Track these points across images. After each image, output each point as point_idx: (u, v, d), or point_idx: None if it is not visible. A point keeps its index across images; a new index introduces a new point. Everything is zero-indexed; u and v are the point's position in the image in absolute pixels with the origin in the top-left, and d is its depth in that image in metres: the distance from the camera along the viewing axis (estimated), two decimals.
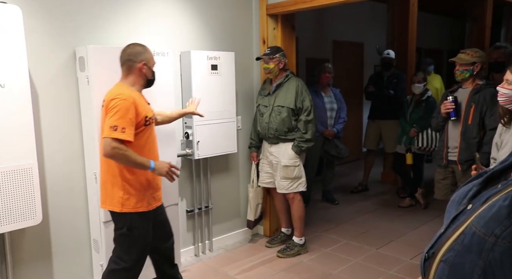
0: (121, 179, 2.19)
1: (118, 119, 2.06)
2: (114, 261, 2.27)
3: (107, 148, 2.06)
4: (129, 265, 2.25)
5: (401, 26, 5.45)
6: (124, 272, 2.26)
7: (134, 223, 2.23)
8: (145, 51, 2.28)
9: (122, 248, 2.27)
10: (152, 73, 2.31)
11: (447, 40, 8.80)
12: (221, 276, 3.09)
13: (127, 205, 2.20)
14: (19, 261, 2.48)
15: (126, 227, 2.22)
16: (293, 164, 3.29)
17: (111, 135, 2.05)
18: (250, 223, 3.60)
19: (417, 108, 4.40)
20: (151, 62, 2.30)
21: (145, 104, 2.29)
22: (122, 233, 2.24)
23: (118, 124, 2.06)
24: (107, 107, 2.12)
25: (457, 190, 0.92)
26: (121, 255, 2.26)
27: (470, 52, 3.01)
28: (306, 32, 5.95)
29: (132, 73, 2.26)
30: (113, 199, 2.21)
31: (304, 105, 3.26)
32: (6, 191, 2.16)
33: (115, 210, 2.22)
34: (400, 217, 4.34)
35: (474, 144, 2.96)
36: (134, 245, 2.26)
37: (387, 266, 3.20)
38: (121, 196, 2.19)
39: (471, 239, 0.74)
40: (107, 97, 2.16)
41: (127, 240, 2.25)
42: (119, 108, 2.08)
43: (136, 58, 2.24)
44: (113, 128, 2.05)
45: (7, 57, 2.12)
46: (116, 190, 2.20)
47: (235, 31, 3.52)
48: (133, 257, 2.26)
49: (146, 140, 2.27)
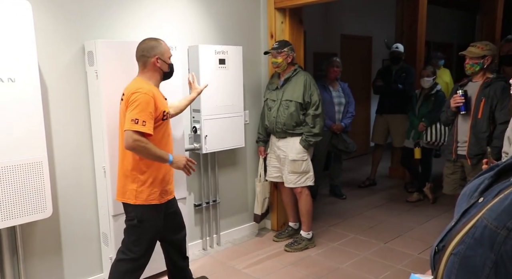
0: (135, 172, 2.24)
1: (139, 112, 2.10)
2: (123, 252, 2.32)
3: (129, 140, 2.10)
4: (137, 255, 2.30)
5: (410, 19, 5.39)
6: (132, 263, 2.30)
7: (146, 216, 2.27)
8: (158, 45, 2.29)
9: (130, 239, 2.31)
10: (168, 66, 2.33)
11: (457, 33, 8.69)
12: (229, 269, 3.11)
13: (140, 197, 2.24)
14: (30, 254, 2.51)
15: (137, 219, 2.26)
16: (301, 158, 3.29)
17: (133, 128, 2.09)
18: (257, 217, 3.61)
19: (426, 103, 4.36)
20: (166, 55, 2.31)
21: (163, 99, 2.33)
22: (132, 224, 2.29)
23: (139, 117, 2.10)
24: (128, 101, 2.16)
25: (468, 183, 0.91)
26: (130, 246, 2.30)
27: (481, 45, 2.97)
28: (314, 26, 5.92)
29: (147, 68, 2.29)
30: (127, 191, 2.25)
31: (312, 99, 3.24)
32: (18, 184, 2.19)
33: (128, 202, 2.27)
34: (408, 211, 4.32)
35: (484, 138, 2.93)
36: (144, 237, 2.30)
37: (395, 260, 3.19)
38: (135, 188, 2.24)
39: (483, 232, 0.74)
40: (127, 91, 2.20)
41: (137, 232, 2.29)
42: (140, 102, 2.12)
43: (149, 53, 2.27)
44: (134, 121, 2.09)
45: (17, 51, 2.14)
46: (130, 183, 2.24)
47: (243, 25, 3.51)
48: (142, 248, 2.30)
49: (163, 134, 2.31)
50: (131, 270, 2.31)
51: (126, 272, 2.30)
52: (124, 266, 2.30)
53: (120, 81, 2.55)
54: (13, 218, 2.19)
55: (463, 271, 0.76)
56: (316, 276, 2.98)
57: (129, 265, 2.30)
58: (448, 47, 8.26)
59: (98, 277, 2.83)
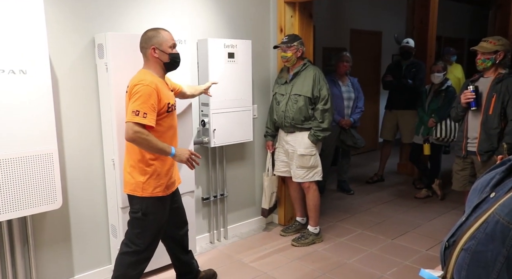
0: (142, 164, 2.23)
1: (140, 104, 2.09)
2: (126, 244, 2.32)
3: (129, 131, 2.09)
4: (141, 248, 2.30)
5: (421, 14, 5.33)
6: (136, 255, 2.30)
7: (151, 208, 2.27)
8: (156, 35, 2.24)
9: (134, 232, 2.30)
10: (167, 56, 2.27)
11: (469, 28, 8.57)
12: (236, 263, 3.12)
13: (147, 189, 2.24)
14: (40, 244, 2.55)
15: (142, 212, 2.26)
16: (309, 153, 3.28)
17: (133, 120, 2.08)
18: (264, 212, 3.62)
19: (436, 98, 4.32)
20: (164, 45, 2.25)
21: (168, 91, 2.31)
22: (137, 217, 2.28)
23: (140, 109, 2.08)
24: (130, 93, 2.15)
25: (479, 178, 0.90)
26: (133, 239, 2.30)
27: (493, 40, 2.93)
28: (324, 21, 5.87)
29: (148, 59, 2.27)
30: (133, 183, 2.25)
31: (321, 94, 3.23)
32: (28, 175, 2.21)
33: (134, 194, 2.26)
34: (416, 208, 4.30)
35: (495, 135, 2.90)
36: (148, 230, 2.30)
37: (403, 256, 3.18)
38: (142, 180, 2.23)
39: (494, 227, 0.73)
40: (131, 83, 2.19)
41: (141, 224, 2.29)
42: (141, 94, 2.10)
43: (146, 44, 2.25)
44: (135, 113, 2.08)
45: (28, 44, 2.16)
46: (136, 175, 2.24)
47: (252, 19, 3.50)
48: (146, 241, 2.30)
49: (168, 126, 2.30)
50: (134, 263, 2.31)
51: (130, 265, 2.30)
52: (128, 259, 2.30)
53: (130, 74, 2.55)
54: (24, 208, 2.22)
55: (474, 266, 0.76)
56: (323, 271, 2.98)
57: (133, 258, 2.30)
58: (459, 42, 8.15)
59: (107, 269, 2.86)
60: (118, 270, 2.32)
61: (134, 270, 2.31)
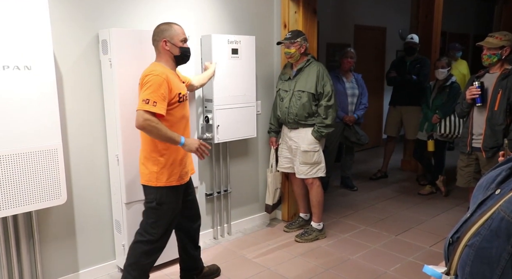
0: (156, 155, 2.29)
1: (150, 93, 2.14)
2: (140, 233, 2.37)
3: (139, 119, 2.14)
4: (155, 238, 2.35)
5: (426, 9, 5.29)
6: (149, 244, 2.35)
7: (165, 198, 2.32)
8: (168, 28, 2.31)
9: (149, 221, 2.36)
10: (178, 49, 2.33)
11: (474, 23, 8.51)
12: (239, 259, 3.13)
13: (161, 179, 2.30)
14: (45, 239, 2.57)
15: (156, 201, 2.31)
16: (312, 149, 3.28)
17: (143, 108, 2.13)
18: (268, 208, 3.63)
19: (441, 94, 4.30)
20: (176, 39, 2.31)
21: (179, 82, 2.36)
22: (151, 207, 2.33)
23: (150, 98, 2.13)
24: (142, 83, 2.21)
25: (485, 175, 0.90)
26: (147, 228, 2.35)
27: (499, 35, 2.91)
28: (327, 16, 5.85)
29: (159, 51, 2.33)
30: (148, 174, 2.31)
31: (325, 90, 3.22)
32: (33, 171, 2.23)
33: (149, 184, 2.31)
34: (419, 204, 4.29)
35: (500, 131, 2.89)
36: (162, 220, 2.34)
37: (406, 252, 3.18)
38: (156, 171, 2.29)
39: (499, 224, 0.73)
40: (142, 74, 2.25)
41: (155, 214, 2.33)
42: (151, 83, 2.16)
43: (158, 37, 2.31)
44: (145, 102, 2.13)
45: (33, 39, 2.16)
46: (150, 165, 2.30)
47: (256, 15, 3.49)
48: (159, 231, 2.35)
49: (180, 116, 2.34)
50: (147, 252, 2.36)
51: (142, 254, 2.35)
52: (141, 248, 2.35)
53: (134, 70, 2.57)
54: (29, 204, 2.23)
55: (478, 262, 0.76)
56: (326, 267, 2.99)
57: (146, 247, 2.35)
58: (464, 38, 8.09)
59: (111, 264, 2.88)
60: (131, 259, 2.37)
61: (146, 259, 2.36)
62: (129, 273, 2.36)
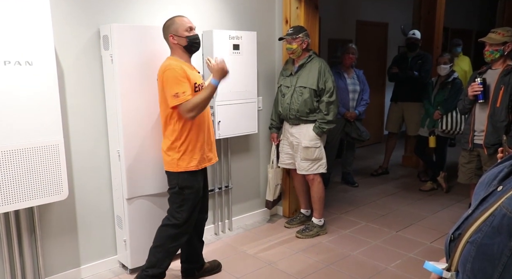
0: (177, 143, 2.40)
1: (174, 86, 2.27)
2: (167, 218, 2.52)
3: (185, 114, 2.30)
4: (180, 222, 2.48)
5: (428, 4, 5.26)
6: (175, 228, 2.48)
7: (186, 182, 2.45)
8: (172, 23, 2.40)
9: (174, 206, 2.49)
10: (185, 39, 2.39)
11: (477, 19, 8.46)
12: (240, 254, 3.14)
13: (181, 165, 2.42)
14: (47, 234, 2.58)
15: (178, 186, 2.45)
16: (313, 145, 3.27)
17: (177, 103, 2.27)
18: (269, 203, 3.63)
19: (442, 91, 4.28)
20: (180, 30, 2.39)
21: (194, 72, 2.46)
22: (175, 192, 2.47)
23: (177, 90, 2.27)
24: (162, 81, 2.32)
25: (487, 171, 0.90)
26: (173, 213, 2.49)
27: (502, 31, 2.89)
28: (329, 12, 5.82)
29: (171, 47, 2.44)
30: (169, 161, 2.43)
31: (327, 86, 3.21)
32: (35, 166, 2.23)
33: (171, 170, 2.45)
34: (421, 200, 4.29)
35: (502, 128, 2.88)
36: (186, 203, 2.47)
37: (407, 248, 3.19)
38: (177, 157, 2.41)
39: (501, 221, 0.73)
40: (159, 71, 2.37)
41: (179, 198, 2.47)
42: (171, 77, 2.28)
43: (166, 33, 2.43)
44: (175, 96, 2.27)
45: (34, 35, 2.16)
46: (172, 153, 2.42)
47: (257, 11, 3.47)
48: (184, 215, 2.47)
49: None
50: (173, 236, 2.49)
51: (168, 237, 2.48)
52: (167, 231, 2.49)
53: (135, 66, 2.57)
54: (31, 199, 2.24)
55: (480, 259, 0.76)
56: (327, 262, 3.00)
57: (172, 231, 2.48)
58: (467, 34, 8.06)
59: (113, 259, 2.89)
60: (158, 241, 2.50)
61: (171, 243, 2.49)
62: (154, 255, 2.49)
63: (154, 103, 2.64)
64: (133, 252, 2.77)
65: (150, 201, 2.80)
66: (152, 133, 2.70)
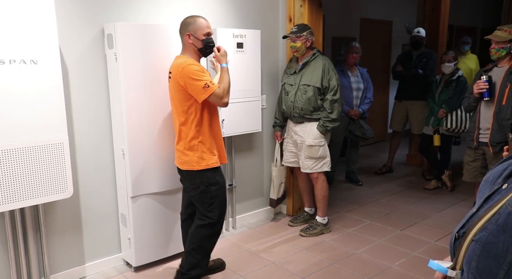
0: (195, 141, 2.41)
1: (200, 79, 2.29)
2: (200, 218, 2.51)
3: (219, 101, 2.35)
4: (214, 220, 2.49)
5: (433, 2, 5.23)
6: (210, 227, 2.50)
7: (210, 179, 2.45)
8: (193, 22, 2.40)
9: (204, 206, 2.48)
10: (201, 42, 2.41)
11: (482, 16, 8.40)
12: (244, 252, 3.15)
13: (202, 163, 2.42)
14: (52, 232, 2.59)
15: (204, 184, 2.44)
16: (317, 144, 3.27)
17: (209, 93, 2.30)
18: (272, 202, 3.63)
19: (447, 89, 4.26)
20: (199, 32, 2.40)
21: (206, 71, 2.46)
22: (202, 190, 2.45)
23: (206, 81, 2.29)
24: (182, 78, 2.30)
25: (491, 169, 0.89)
26: (205, 213, 2.49)
27: (508, 28, 2.87)
28: (333, 10, 5.80)
29: (184, 44, 2.45)
30: (190, 160, 2.43)
31: (331, 84, 3.20)
32: (40, 164, 2.24)
33: (191, 169, 2.43)
34: (425, 199, 4.28)
35: (508, 126, 2.86)
36: (215, 200, 2.48)
37: (411, 247, 3.18)
38: (198, 156, 2.41)
39: (507, 219, 0.72)
40: (175, 70, 2.35)
41: (207, 197, 2.46)
42: (194, 71, 2.29)
43: (183, 30, 2.42)
44: (205, 88, 2.29)
45: (39, 34, 2.17)
46: (192, 152, 2.42)
47: (261, 9, 3.46)
48: (217, 211, 2.49)
49: (214, 106, 2.48)
50: (210, 235, 2.51)
51: (205, 237, 2.50)
52: (204, 232, 2.49)
53: (140, 64, 2.58)
54: (36, 197, 2.25)
55: (485, 257, 0.75)
56: (331, 261, 2.99)
57: (208, 231, 2.49)
58: (472, 31, 8.00)
59: (117, 257, 2.90)
60: (195, 243, 2.51)
61: (209, 241, 2.53)
62: (193, 257, 2.51)
63: (158, 102, 2.64)
64: (138, 250, 2.78)
65: (154, 199, 2.81)
66: (156, 131, 2.70)
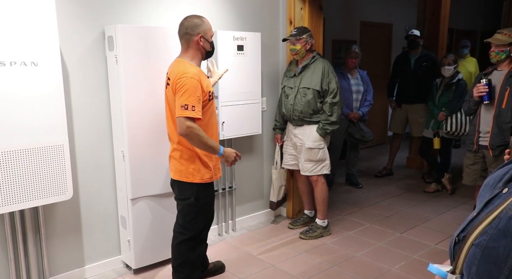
0: (193, 153, 2.30)
1: (187, 98, 2.12)
2: (180, 232, 2.41)
3: (183, 127, 2.12)
4: (195, 233, 2.40)
5: (433, 5, 5.24)
6: (192, 241, 2.40)
7: (201, 193, 2.35)
8: (202, 23, 2.27)
9: (187, 218, 2.38)
10: (210, 44, 2.33)
11: (482, 20, 8.41)
12: (244, 255, 3.14)
13: (197, 176, 2.32)
14: (51, 234, 2.59)
15: (194, 197, 2.33)
16: (317, 147, 3.27)
17: (183, 115, 2.11)
18: (272, 205, 3.63)
19: (447, 92, 4.26)
20: (209, 34, 2.31)
21: (207, 79, 2.33)
22: (189, 203, 2.34)
23: (188, 102, 2.11)
24: (175, 87, 2.16)
25: (492, 173, 0.89)
26: (187, 226, 2.38)
27: (508, 32, 2.88)
28: (333, 13, 5.81)
29: (191, 46, 2.28)
30: (184, 170, 2.31)
31: (330, 87, 3.21)
32: (40, 166, 2.24)
33: (186, 181, 2.32)
34: (425, 202, 4.28)
35: (508, 129, 2.86)
36: (201, 214, 2.38)
37: (411, 250, 3.18)
38: (193, 167, 2.31)
39: (507, 223, 0.72)
40: (173, 76, 2.19)
41: (193, 210, 2.36)
42: (187, 88, 2.12)
43: (193, 31, 2.25)
44: (184, 108, 2.11)
45: (39, 36, 2.17)
46: (187, 163, 2.31)
47: (261, 12, 3.47)
48: (199, 226, 2.40)
49: (211, 114, 2.35)
50: (192, 248, 2.42)
51: (188, 251, 2.40)
52: (186, 246, 2.40)
53: (140, 67, 2.58)
54: (35, 199, 2.25)
55: (485, 262, 0.75)
56: (331, 264, 2.99)
57: (190, 244, 2.40)
58: (472, 34, 8.01)
59: (117, 259, 2.90)
60: (179, 259, 2.41)
61: (193, 254, 2.43)
62: (181, 272, 2.42)
63: (158, 104, 2.64)
64: (137, 252, 2.78)
65: (154, 201, 2.81)
66: (156, 134, 2.70)
